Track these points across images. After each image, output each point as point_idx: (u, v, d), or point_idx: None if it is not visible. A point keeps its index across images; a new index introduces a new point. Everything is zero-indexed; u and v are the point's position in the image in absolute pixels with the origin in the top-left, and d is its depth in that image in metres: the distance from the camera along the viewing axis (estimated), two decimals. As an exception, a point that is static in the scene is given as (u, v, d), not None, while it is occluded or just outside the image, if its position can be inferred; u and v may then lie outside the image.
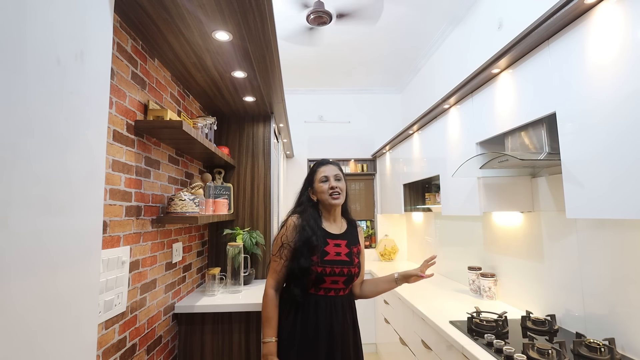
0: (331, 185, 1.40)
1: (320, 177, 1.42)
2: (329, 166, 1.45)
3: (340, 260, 1.35)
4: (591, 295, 1.42)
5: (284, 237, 1.37)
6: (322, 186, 1.41)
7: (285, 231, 1.38)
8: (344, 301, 1.38)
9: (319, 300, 1.33)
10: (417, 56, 3.34)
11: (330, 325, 1.31)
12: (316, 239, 1.33)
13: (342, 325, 1.33)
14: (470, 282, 2.18)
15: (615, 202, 1.02)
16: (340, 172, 1.46)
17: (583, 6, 1.10)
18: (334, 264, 1.33)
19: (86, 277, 0.71)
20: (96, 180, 0.75)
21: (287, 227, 1.39)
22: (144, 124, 1.34)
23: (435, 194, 2.79)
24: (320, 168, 1.45)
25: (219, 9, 1.18)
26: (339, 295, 1.36)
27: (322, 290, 1.34)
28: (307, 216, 1.39)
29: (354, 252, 1.41)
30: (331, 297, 1.34)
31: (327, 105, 4.16)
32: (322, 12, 2.38)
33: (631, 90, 0.97)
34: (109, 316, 1.14)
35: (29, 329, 0.56)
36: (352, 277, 1.38)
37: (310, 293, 1.34)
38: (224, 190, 2.26)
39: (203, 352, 1.73)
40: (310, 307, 1.32)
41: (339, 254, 1.36)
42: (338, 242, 1.39)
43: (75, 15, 0.67)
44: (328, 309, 1.32)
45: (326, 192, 1.40)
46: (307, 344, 1.28)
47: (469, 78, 1.71)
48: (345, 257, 1.37)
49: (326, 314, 1.31)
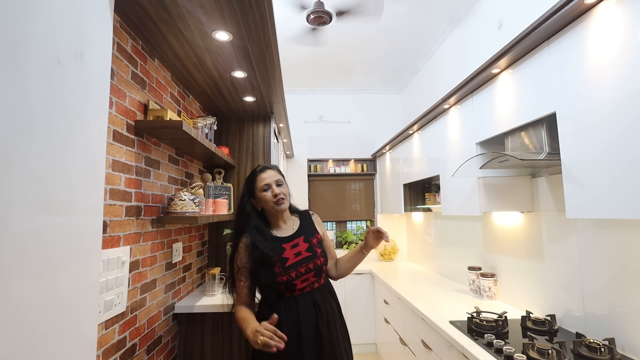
0: (274, 193, 1.36)
1: (262, 186, 1.37)
2: (268, 172, 1.41)
3: (301, 259, 1.34)
4: (591, 295, 1.42)
5: (239, 261, 1.34)
6: (265, 195, 1.37)
7: (238, 255, 1.35)
8: (323, 290, 1.38)
9: (298, 299, 1.32)
10: (417, 56, 3.34)
11: (315, 322, 1.30)
12: (271, 254, 1.31)
13: (326, 315, 1.33)
14: (470, 282, 2.18)
15: (615, 202, 1.02)
16: (280, 176, 1.44)
17: (583, 6, 1.10)
18: (297, 266, 1.33)
19: (86, 277, 0.71)
20: (96, 180, 0.75)
21: (239, 252, 1.35)
22: (144, 124, 1.34)
23: (435, 194, 2.79)
24: (260, 176, 1.39)
25: (219, 9, 1.18)
26: (314, 288, 1.36)
27: (298, 291, 1.33)
28: (254, 233, 1.35)
29: (314, 243, 1.40)
30: (308, 293, 1.34)
31: (327, 105, 4.16)
32: (322, 12, 2.38)
33: (631, 90, 0.97)
34: (109, 316, 1.14)
35: (29, 329, 0.56)
36: (319, 268, 1.37)
37: (286, 297, 1.33)
38: (224, 190, 2.26)
39: (203, 352, 1.73)
40: (292, 308, 1.31)
41: (299, 254, 1.35)
42: (295, 242, 1.37)
43: (75, 15, 0.67)
44: (310, 305, 1.32)
45: (271, 200, 1.36)
46: (294, 340, 1.27)
47: (469, 78, 1.71)
48: (306, 252, 1.36)
49: (309, 312, 1.31)
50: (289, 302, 1.32)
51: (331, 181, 4.11)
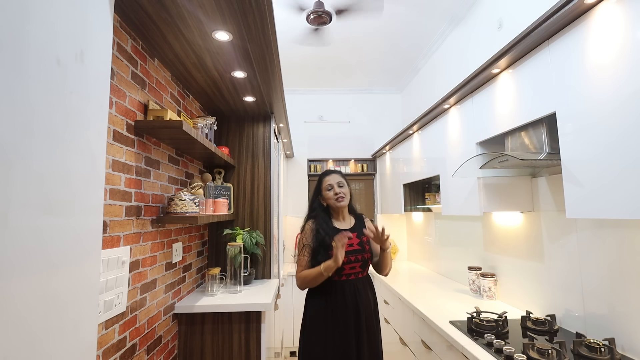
0: (335, 192, 1.69)
1: (326, 186, 1.72)
2: (332, 175, 1.74)
3: (353, 250, 1.63)
4: (591, 295, 1.42)
5: (304, 239, 1.68)
6: (329, 193, 1.71)
7: (304, 234, 1.69)
8: (365, 281, 1.67)
9: (343, 284, 1.60)
10: (417, 56, 3.34)
11: (356, 303, 1.58)
12: (329, 239, 1.59)
13: (365, 301, 1.61)
14: (470, 282, 2.18)
15: (615, 202, 1.02)
16: (343, 179, 1.75)
17: (583, 6, 1.10)
18: (349, 254, 1.60)
19: (86, 277, 0.71)
20: (96, 180, 0.75)
21: (306, 231, 1.69)
22: (144, 124, 1.34)
23: (435, 194, 2.79)
24: (325, 178, 1.74)
25: (219, 9, 1.18)
26: (359, 277, 1.65)
27: (344, 276, 1.61)
28: (320, 220, 1.69)
29: (364, 240, 1.69)
30: (352, 281, 1.62)
31: (327, 105, 4.16)
32: (322, 12, 2.38)
33: (631, 91, 0.97)
34: (109, 316, 1.14)
35: (29, 329, 0.56)
36: (366, 261, 1.67)
37: (335, 280, 1.60)
38: (224, 190, 2.26)
39: (203, 352, 1.73)
40: (338, 291, 1.58)
41: (352, 245, 1.63)
42: (349, 234, 1.61)
43: (75, 15, 0.67)
44: (353, 290, 1.60)
45: (332, 198, 1.69)
46: (338, 319, 1.56)
47: (469, 78, 1.71)
48: (357, 246, 1.65)
49: (352, 294, 1.59)
50: (336, 285, 1.60)
51: (331, 181, 4.10)
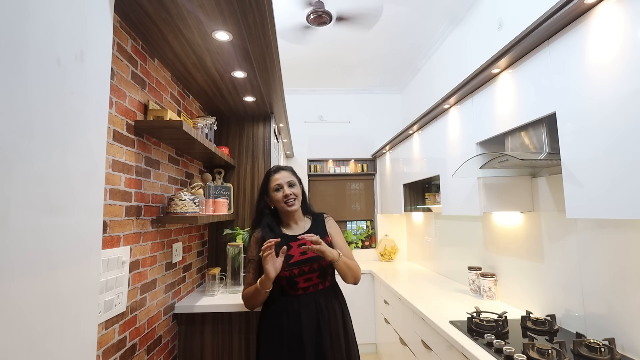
0: (285, 194, 1.42)
1: (274, 186, 1.44)
2: (281, 173, 1.46)
3: (306, 258, 1.38)
4: (591, 295, 1.42)
5: (249, 254, 1.45)
6: (277, 195, 1.44)
7: (249, 248, 1.46)
8: (328, 293, 1.41)
9: (300, 300, 1.36)
10: (417, 56, 3.34)
11: (316, 322, 1.33)
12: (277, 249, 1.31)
13: (329, 317, 1.35)
14: (470, 282, 2.18)
15: (615, 202, 1.02)
16: (294, 177, 1.48)
17: (583, 6, 1.10)
18: (301, 264, 1.37)
19: (86, 276, 0.71)
20: (96, 180, 0.75)
21: (251, 245, 1.45)
22: (144, 124, 1.34)
23: (435, 194, 2.79)
24: (273, 176, 1.46)
25: (219, 9, 1.18)
26: (319, 289, 1.40)
27: (301, 290, 1.37)
28: (266, 229, 1.44)
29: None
30: (312, 294, 1.37)
31: (327, 105, 4.16)
32: (323, 12, 2.38)
33: (631, 91, 0.97)
34: (109, 316, 1.14)
35: (29, 329, 0.56)
36: (324, 269, 1.39)
37: (290, 295, 1.37)
38: (224, 190, 2.26)
39: (203, 352, 1.73)
40: (294, 309, 1.34)
41: (305, 253, 1.37)
42: (303, 241, 1.36)
43: (75, 15, 0.67)
44: (313, 306, 1.35)
45: (281, 200, 1.43)
46: (294, 344, 1.31)
47: (469, 78, 1.71)
48: (311, 253, 1.36)
49: (312, 311, 1.34)
50: (292, 300, 1.36)
51: (331, 181, 4.11)
